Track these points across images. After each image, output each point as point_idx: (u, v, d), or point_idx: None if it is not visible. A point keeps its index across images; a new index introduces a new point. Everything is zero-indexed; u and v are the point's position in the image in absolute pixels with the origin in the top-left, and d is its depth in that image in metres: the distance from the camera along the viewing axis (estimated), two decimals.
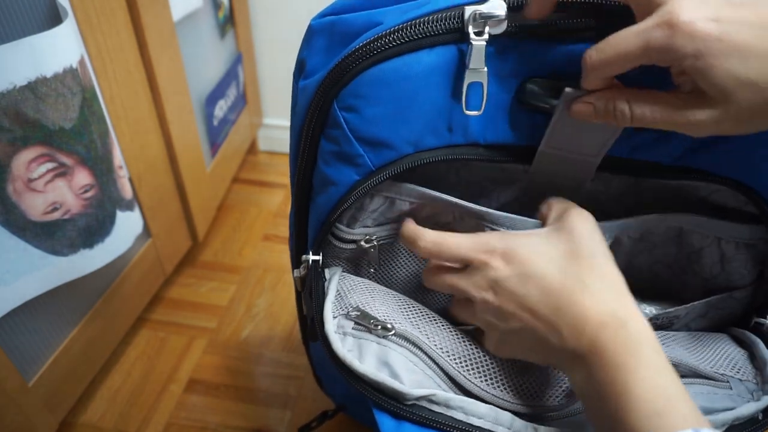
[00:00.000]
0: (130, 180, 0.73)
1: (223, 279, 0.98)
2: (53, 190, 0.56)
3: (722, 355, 0.41)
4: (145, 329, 0.88)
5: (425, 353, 0.38)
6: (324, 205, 0.40)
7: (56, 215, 0.57)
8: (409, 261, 0.46)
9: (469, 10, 0.32)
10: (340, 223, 0.42)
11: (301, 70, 0.40)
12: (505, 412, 0.37)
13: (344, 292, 0.42)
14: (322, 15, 0.38)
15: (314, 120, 0.37)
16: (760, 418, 0.38)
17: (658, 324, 0.45)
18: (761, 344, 0.41)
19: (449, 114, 0.36)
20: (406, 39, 0.32)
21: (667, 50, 0.27)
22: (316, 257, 0.42)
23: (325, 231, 0.41)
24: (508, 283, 0.34)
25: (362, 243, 0.43)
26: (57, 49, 0.52)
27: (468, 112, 0.35)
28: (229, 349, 0.86)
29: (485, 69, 0.33)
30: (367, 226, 0.43)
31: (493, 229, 0.39)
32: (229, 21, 1.06)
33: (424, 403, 0.36)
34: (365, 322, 0.39)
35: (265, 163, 1.32)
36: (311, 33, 0.38)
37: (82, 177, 0.59)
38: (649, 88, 0.31)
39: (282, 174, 1.28)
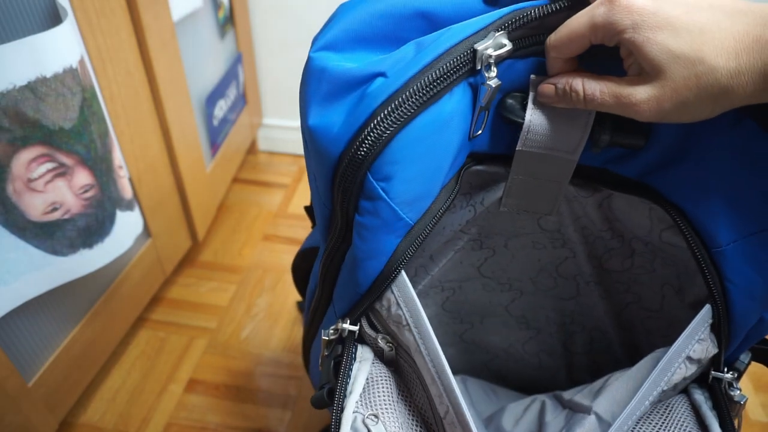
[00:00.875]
0: (130, 180, 0.73)
1: (223, 279, 0.98)
2: (53, 190, 0.56)
3: (676, 425, 0.40)
4: (145, 329, 0.88)
5: None
6: (362, 278, 0.38)
7: (56, 215, 0.57)
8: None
9: (480, 51, 0.32)
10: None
11: (304, 108, 0.37)
12: None
13: (371, 383, 0.39)
14: (317, 48, 0.36)
15: (347, 195, 0.35)
16: None
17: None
18: (705, 406, 0.39)
19: (465, 144, 0.37)
20: (432, 93, 0.32)
21: (608, 25, 0.29)
22: (354, 327, 0.39)
23: (365, 304, 0.39)
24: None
25: (380, 343, 0.41)
26: (57, 49, 0.52)
27: (475, 135, 0.36)
28: (229, 349, 0.86)
29: (491, 103, 0.34)
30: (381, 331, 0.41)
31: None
32: (229, 21, 1.06)
33: None
34: None
35: (265, 163, 1.32)
36: (307, 72, 0.36)
37: (82, 177, 0.59)
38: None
39: (282, 174, 1.28)
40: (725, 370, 0.41)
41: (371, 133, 0.32)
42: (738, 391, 0.41)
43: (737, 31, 0.27)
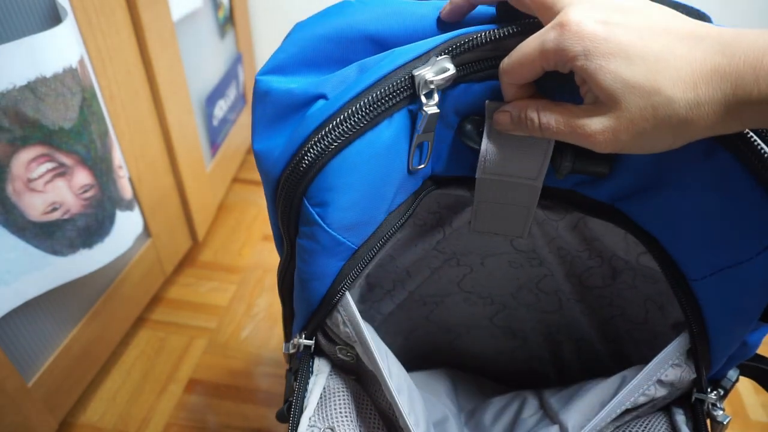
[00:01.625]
0: (130, 180, 0.73)
1: (223, 279, 0.98)
2: (53, 190, 0.56)
3: None
4: (145, 329, 0.88)
5: None
6: (311, 298, 0.38)
7: (56, 215, 0.57)
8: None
9: (418, 77, 0.30)
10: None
11: (254, 127, 0.37)
12: None
13: (327, 396, 0.40)
14: (263, 72, 0.35)
15: (287, 218, 0.34)
16: None
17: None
18: (684, 429, 0.39)
19: (406, 170, 0.35)
20: (368, 119, 0.30)
21: (558, 51, 0.27)
22: (309, 342, 0.39)
23: (316, 325, 0.39)
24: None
25: (338, 354, 0.41)
26: (57, 49, 0.52)
27: (415, 168, 0.35)
28: (229, 349, 0.86)
29: (433, 132, 0.33)
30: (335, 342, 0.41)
31: None
32: (229, 21, 1.06)
33: None
34: None
35: None
36: (254, 98, 0.35)
37: (82, 177, 0.59)
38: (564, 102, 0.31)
39: None
40: (709, 390, 0.40)
41: (305, 157, 0.31)
42: (721, 412, 0.39)
43: (694, 58, 0.25)
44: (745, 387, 0.83)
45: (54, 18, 0.54)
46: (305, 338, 0.39)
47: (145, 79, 0.73)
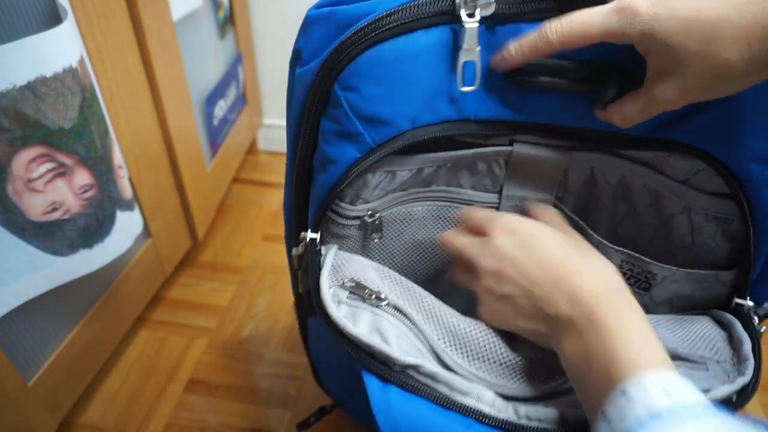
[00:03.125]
0: (130, 180, 0.73)
1: (223, 279, 0.98)
2: (53, 190, 0.56)
3: (701, 336, 0.41)
4: (145, 329, 0.88)
5: (416, 326, 0.40)
6: (324, 184, 0.41)
7: (56, 215, 0.57)
8: (408, 229, 0.48)
9: None
10: (343, 201, 0.44)
11: (297, 59, 0.41)
12: (488, 391, 0.38)
13: (339, 265, 0.43)
14: (319, 6, 0.39)
15: (316, 101, 0.38)
16: (734, 399, 0.38)
17: (634, 275, 0.46)
18: (738, 324, 0.41)
19: (445, 91, 0.38)
20: (401, 21, 0.34)
21: (623, 33, 0.31)
22: (314, 235, 0.44)
23: (325, 208, 0.42)
24: (512, 251, 0.39)
25: (365, 218, 0.44)
26: (57, 49, 0.52)
27: (463, 89, 0.37)
28: (229, 349, 0.86)
29: (478, 48, 0.36)
30: (369, 201, 0.44)
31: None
32: (229, 21, 1.06)
33: (411, 372, 0.37)
34: (360, 292, 0.40)
35: (265, 163, 1.32)
36: (308, 23, 0.39)
37: (82, 177, 0.59)
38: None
39: (282, 174, 1.27)
40: (747, 299, 0.43)
41: (340, 46, 0.35)
42: (757, 320, 0.42)
43: (747, 22, 0.29)
44: None
45: (54, 18, 0.54)
46: (311, 232, 0.44)
47: (145, 79, 0.73)
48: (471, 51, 0.35)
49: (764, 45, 0.29)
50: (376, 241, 0.48)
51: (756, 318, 0.43)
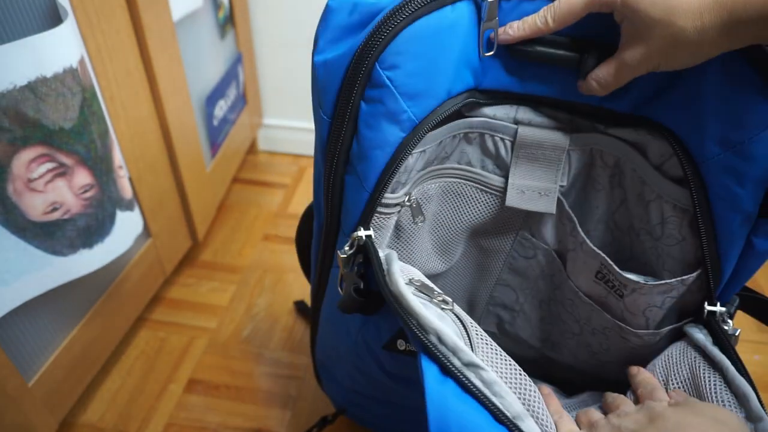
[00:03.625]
0: (130, 180, 0.73)
1: (223, 279, 0.98)
2: (53, 190, 0.56)
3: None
4: (145, 329, 0.88)
5: (470, 340, 0.39)
6: (369, 172, 0.42)
7: (56, 215, 0.57)
8: (427, 208, 0.50)
9: None
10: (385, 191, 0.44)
11: (315, 46, 0.42)
12: (535, 425, 0.36)
13: (401, 267, 0.43)
14: None
15: (354, 85, 0.39)
16: None
17: (609, 280, 0.48)
18: (741, 378, 0.40)
19: (468, 61, 0.42)
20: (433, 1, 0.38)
21: (604, 2, 0.37)
22: (369, 232, 0.43)
23: (376, 199, 0.43)
24: None
25: (404, 203, 0.45)
26: (57, 49, 0.52)
27: (486, 54, 0.42)
28: (229, 349, 0.86)
29: (497, 19, 0.40)
30: (406, 185, 0.46)
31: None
32: (229, 21, 1.06)
33: (471, 373, 0.35)
34: (427, 291, 0.40)
35: (265, 163, 1.32)
36: (328, 11, 0.40)
37: (82, 177, 0.59)
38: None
39: (282, 174, 1.28)
40: (718, 305, 0.44)
41: (378, 29, 0.37)
42: (730, 324, 0.44)
43: None
44: None
45: (54, 18, 0.54)
46: (364, 230, 0.43)
47: (145, 79, 0.73)
48: (491, 22, 0.40)
49: (714, 16, 0.33)
50: (419, 224, 0.49)
51: (730, 322, 0.43)
